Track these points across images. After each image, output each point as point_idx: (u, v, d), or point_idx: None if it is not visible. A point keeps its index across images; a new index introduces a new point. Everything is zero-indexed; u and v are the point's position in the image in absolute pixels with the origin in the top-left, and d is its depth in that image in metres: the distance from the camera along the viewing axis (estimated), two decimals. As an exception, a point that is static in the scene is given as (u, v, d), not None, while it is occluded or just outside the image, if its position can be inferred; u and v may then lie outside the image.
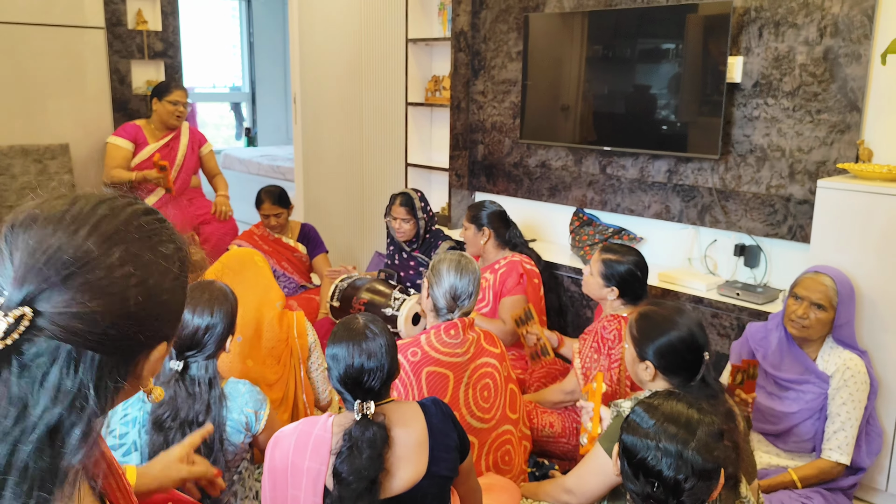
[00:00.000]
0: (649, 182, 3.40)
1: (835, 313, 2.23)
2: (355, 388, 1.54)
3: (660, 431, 1.34)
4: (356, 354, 1.53)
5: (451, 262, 2.16)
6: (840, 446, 2.19)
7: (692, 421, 1.35)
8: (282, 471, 1.56)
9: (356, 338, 1.55)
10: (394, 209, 3.51)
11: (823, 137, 2.82)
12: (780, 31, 2.88)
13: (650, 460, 1.33)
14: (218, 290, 1.84)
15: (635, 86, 3.36)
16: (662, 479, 1.31)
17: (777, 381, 2.32)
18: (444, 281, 2.15)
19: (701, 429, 1.34)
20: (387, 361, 1.55)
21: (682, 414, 1.37)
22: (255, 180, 6.30)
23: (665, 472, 1.31)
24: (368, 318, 1.62)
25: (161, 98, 3.80)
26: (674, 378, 1.79)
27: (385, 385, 1.58)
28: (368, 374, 1.53)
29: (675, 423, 1.35)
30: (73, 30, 3.96)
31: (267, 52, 8.75)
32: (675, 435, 1.33)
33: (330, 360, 1.56)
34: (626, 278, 2.43)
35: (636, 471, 1.35)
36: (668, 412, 1.38)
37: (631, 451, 1.37)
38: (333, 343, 1.57)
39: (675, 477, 1.30)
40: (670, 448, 1.31)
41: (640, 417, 1.39)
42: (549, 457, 2.58)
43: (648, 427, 1.36)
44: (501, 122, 4.00)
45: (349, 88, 4.73)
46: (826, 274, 2.26)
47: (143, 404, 1.80)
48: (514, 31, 3.84)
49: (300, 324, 2.37)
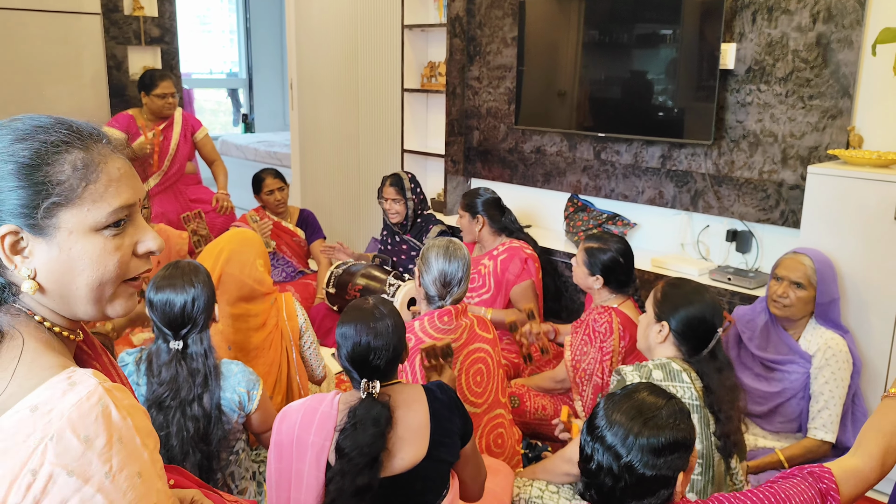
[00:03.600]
0: (643, 168, 3.42)
1: (815, 292, 2.27)
2: (362, 366, 1.59)
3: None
4: (364, 333, 1.58)
5: (439, 249, 2.19)
6: (825, 425, 2.23)
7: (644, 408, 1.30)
8: (287, 444, 1.60)
9: (365, 317, 1.60)
10: (384, 190, 3.56)
11: (815, 123, 2.84)
12: (772, 16, 2.89)
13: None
14: (187, 265, 1.90)
15: (630, 72, 3.37)
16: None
17: (763, 362, 2.37)
18: (433, 267, 2.17)
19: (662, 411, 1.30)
20: (393, 341, 1.59)
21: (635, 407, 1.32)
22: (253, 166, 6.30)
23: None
24: (378, 300, 1.67)
25: (148, 93, 3.77)
26: (684, 345, 1.85)
27: (391, 365, 1.62)
28: (375, 352, 1.57)
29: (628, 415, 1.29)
30: (70, 16, 3.95)
31: (264, 39, 8.72)
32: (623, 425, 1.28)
33: (339, 338, 1.61)
34: (609, 266, 2.45)
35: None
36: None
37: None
38: (343, 322, 1.62)
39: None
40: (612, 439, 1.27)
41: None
42: (542, 439, 2.62)
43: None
44: (497, 108, 4.02)
45: (345, 74, 4.73)
46: (805, 254, 2.31)
47: (138, 387, 1.83)
48: (509, 16, 3.84)
49: (289, 306, 2.41)
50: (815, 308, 2.30)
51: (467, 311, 2.24)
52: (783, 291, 2.30)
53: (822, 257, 2.32)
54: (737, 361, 2.45)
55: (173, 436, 1.77)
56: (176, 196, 3.92)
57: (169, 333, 1.82)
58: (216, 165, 4.14)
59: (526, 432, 2.60)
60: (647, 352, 1.95)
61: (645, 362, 1.88)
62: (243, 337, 2.30)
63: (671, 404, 1.31)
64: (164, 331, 1.83)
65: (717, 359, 1.86)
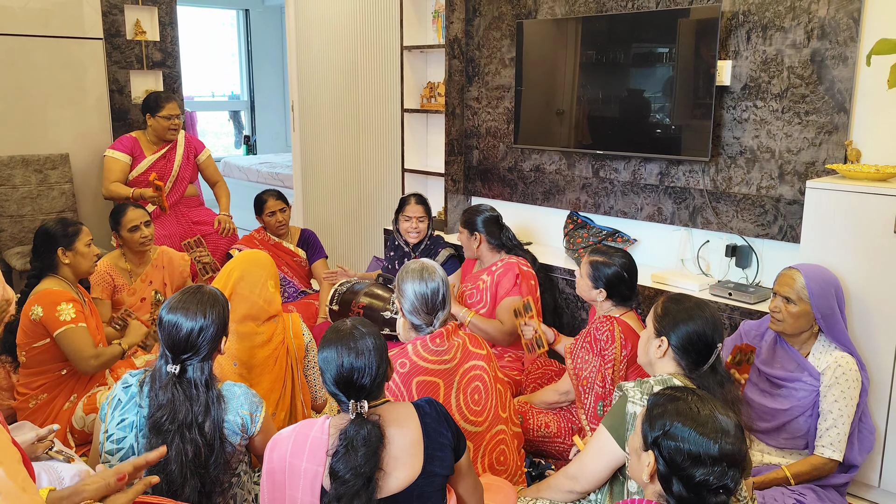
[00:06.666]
0: (641, 184, 3.44)
1: (806, 307, 2.26)
2: (348, 387, 1.58)
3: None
4: (345, 354, 1.58)
5: (413, 273, 2.16)
6: (832, 443, 2.22)
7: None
8: (279, 472, 1.59)
9: (344, 338, 1.60)
10: (409, 208, 3.55)
11: (812, 139, 2.86)
12: (767, 34, 2.92)
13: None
14: (208, 294, 1.89)
15: (627, 90, 3.40)
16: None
17: (769, 378, 2.36)
18: (408, 294, 2.14)
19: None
20: (375, 359, 1.59)
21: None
22: (255, 187, 6.34)
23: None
24: (356, 320, 1.67)
25: (154, 114, 3.81)
26: (684, 360, 1.85)
27: (377, 384, 1.61)
28: (358, 372, 1.57)
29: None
30: (73, 41, 4.00)
31: (265, 62, 8.81)
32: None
33: (322, 363, 1.61)
34: (613, 280, 2.45)
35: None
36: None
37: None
38: (323, 347, 1.62)
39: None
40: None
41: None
42: (545, 457, 2.61)
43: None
44: (496, 128, 4.05)
45: (346, 96, 4.78)
46: (797, 269, 2.32)
47: (140, 409, 1.83)
48: (507, 37, 3.89)
49: (296, 325, 2.42)
50: (820, 324, 2.29)
51: (458, 329, 2.23)
52: (775, 306, 2.32)
53: (818, 272, 2.32)
54: (743, 377, 2.45)
55: (172, 460, 1.74)
56: (178, 218, 3.94)
57: (170, 356, 1.82)
58: (219, 187, 4.17)
59: (529, 450, 2.59)
60: (649, 367, 1.95)
61: (647, 378, 1.88)
62: (249, 354, 2.31)
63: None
64: (167, 353, 1.83)
65: (718, 373, 1.85)
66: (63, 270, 2.65)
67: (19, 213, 3.88)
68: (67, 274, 2.66)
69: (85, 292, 2.81)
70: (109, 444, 1.83)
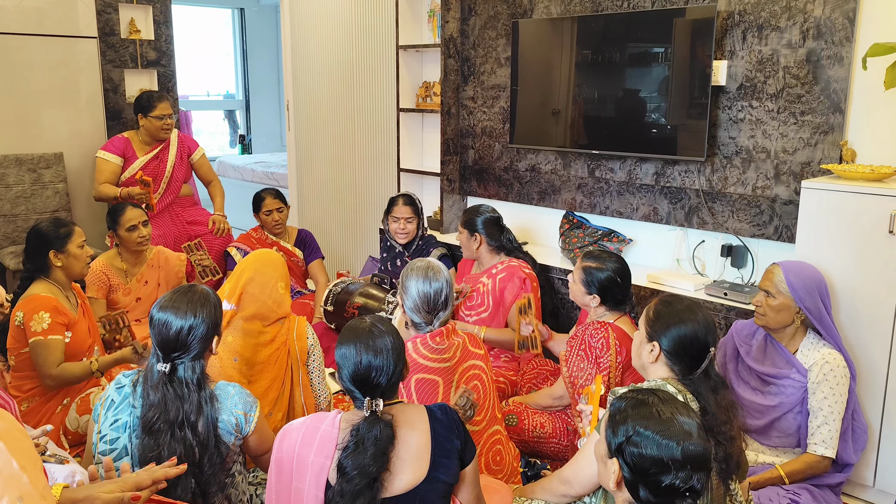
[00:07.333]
0: (637, 184, 3.44)
1: (785, 300, 2.28)
2: (364, 385, 1.59)
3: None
4: (363, 352, 1.59)
5: (418, 272, 2.17)
6: (825, 440, 2.23)
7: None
8: (287, 462, 1.60)
9: (363, 336, 1.61)
10: (397, 209, 3.55)
11: (807, 139, 2.87)
12: (763, 34, 2.93)
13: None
14: (199, 293, 1.88)
15: (622, 90, 3.40)
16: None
17: (759, 375, 2.37)
18: (412, 292, 2.15)
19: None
20: (393, 358, 1.60)
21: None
22: (251, 187, 6.33)
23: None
24: (375, 318, 1.67)
25: (146, 114, 3.78)
26: (677, 364, 1.82)
27: (393, 383, 1.62)
28: (376, 370, 1.58)
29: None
30: (67, 40, 3.98)
31: (260, 61, 8.79)
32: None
33: (339, 359, 1.62)
34: (606, 285, 2.44)
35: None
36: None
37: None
38: (342, 343, 1.62)
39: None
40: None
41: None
42: (541, 457, 2.61)
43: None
44: (491, 127, 4.04)
45: (341, 95, 4.77)
46: (778, 264, 2.35)
47: (133, 409, 1.82)
48: (502, 37, 3.88)
49: (300, 327, 2.42)
50: (812, 321, 2.30)
51: (457, 329, 2.23)
52: (757, 300, 2.36)
53: (798, 267, 2.33)
54: (735, 375, 2.45)
55: (164, 460, 1.73)
56: (173, 218, 3.93)
57: (160, 354, 1.81)
58: (213, 186, 4.15)
59: (525, 451, 2.58)
60: (642, 370, 1.94)
61: (641, 383, 1.87)
62: (252, 351, 2.31)
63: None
64: (158, 351, 1.82)
65: (711, 377, 1.82)
66: (55, 273, 2.59)
67: (13, 213, 3.86)
68: (59, 276, 2.60)
69: (80, 292, 2.78)
70: (103, 444, 1.82)
